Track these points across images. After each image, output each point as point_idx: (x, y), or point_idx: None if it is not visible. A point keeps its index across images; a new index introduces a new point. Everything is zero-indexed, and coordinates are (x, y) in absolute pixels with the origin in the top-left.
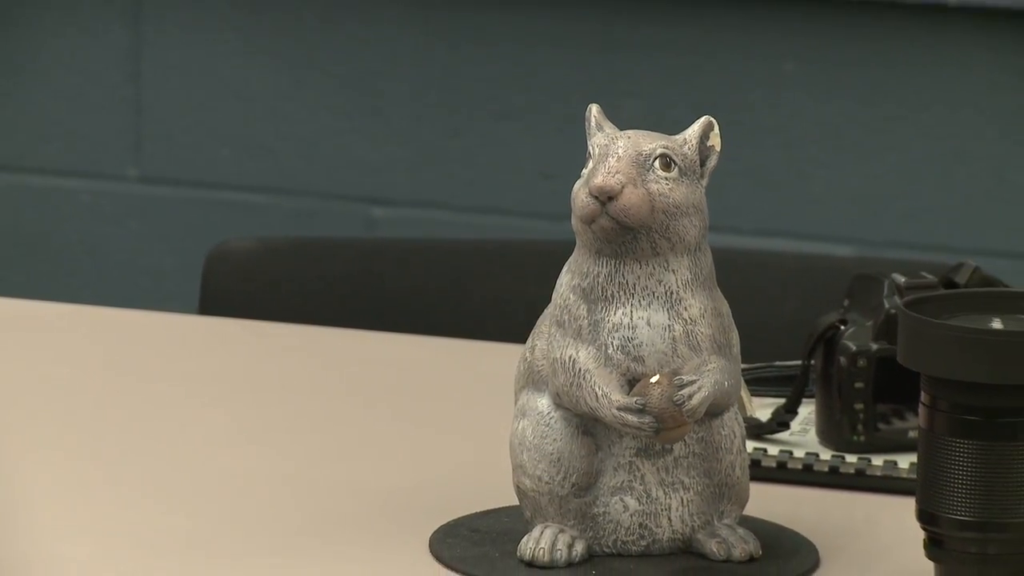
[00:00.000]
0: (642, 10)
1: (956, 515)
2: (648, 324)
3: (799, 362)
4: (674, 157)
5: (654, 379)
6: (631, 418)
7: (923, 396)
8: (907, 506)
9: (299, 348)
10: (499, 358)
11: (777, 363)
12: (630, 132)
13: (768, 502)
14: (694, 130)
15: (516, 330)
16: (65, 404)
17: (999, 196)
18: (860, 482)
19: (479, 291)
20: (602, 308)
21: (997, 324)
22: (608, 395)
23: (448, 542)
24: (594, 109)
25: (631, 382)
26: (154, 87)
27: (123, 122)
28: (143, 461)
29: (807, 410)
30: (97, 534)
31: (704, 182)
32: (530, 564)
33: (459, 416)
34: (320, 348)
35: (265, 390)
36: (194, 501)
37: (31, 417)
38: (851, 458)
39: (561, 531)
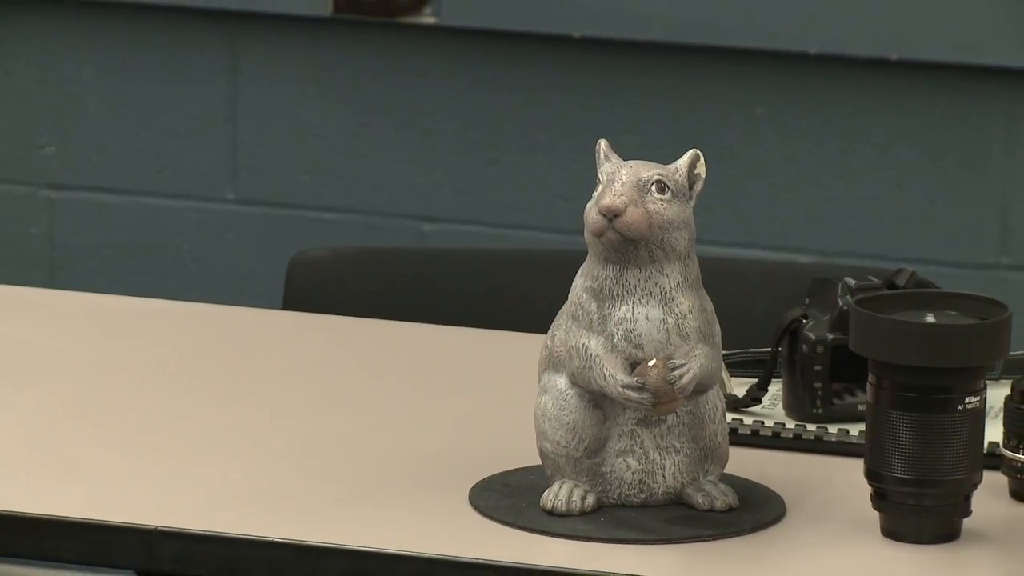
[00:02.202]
0: (639, 64)
1: (897, 473)
2: (646, 318)
3: (769, 349)
4: (668, 182)
5: (651, 363)
6: (633, 394)
7: (870, 377)
8: (857, 466)
9: (364, 338)
10: (525, 346)
11: (751, 350)
12: (632, 162)
13: (744, 463)
14: (684, 161)
15: (539, 323)
16: (177, 381)
17: (930, 215)
18: (819, 446)
19: (509, 291)
20: (609, 305)
21: (930, 318)
22: (614, 376)
23: (484, 495)
24: (602, 144)
25: (633, 365)
26: (247, 126)
27: (222, 155)
28: (237, 428)
29: (775, 388)
30: (195, 487)
31: (692, 203)
32: (551, 512)
33: (493, 392)
34: (380, 338)
35: (335, 372)
36: (280, 461)
37: (150, 391)
38: (811, 427)
39: (576, 486)
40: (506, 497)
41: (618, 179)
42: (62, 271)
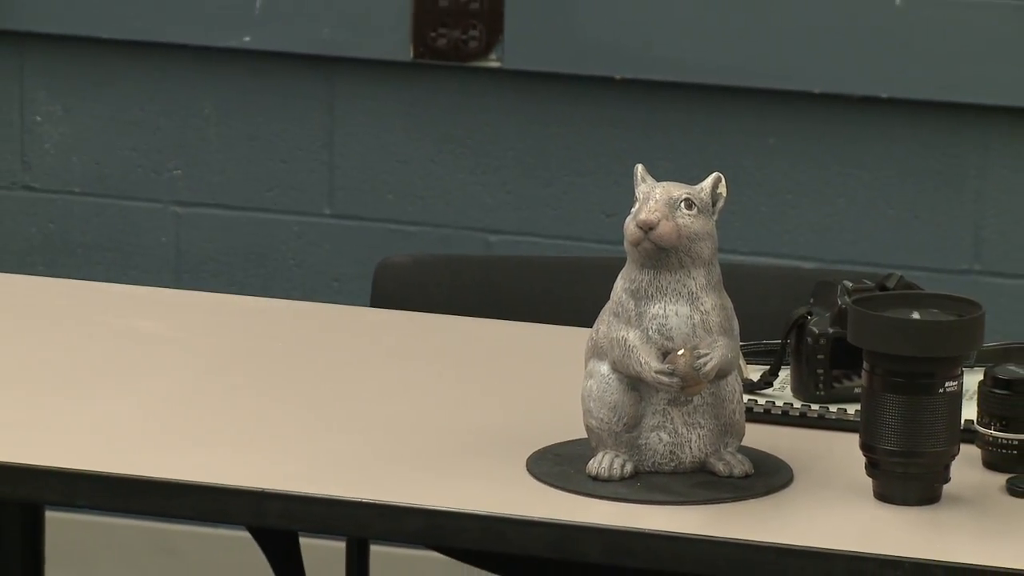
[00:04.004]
0: (670, 101)
1: (888, 446)
2: (676, 314)
3: (779, 341)
4: (695, 200)
5: (680, 352)
6: (664, 379)
7: (865, 364)
8: (853, 440)
9: (438, 331)
10: (573, 338)
11: (764, 342)
12: (664, 183)
13: (758, 436)
14: (708, 182)
15: (585, 319)
16: (281, 367)
17: (915, 228)
18: (821, 423)
19: (561, 292)
20: (645, 303)
21: (916, 315)
22: (648, 363)
23: (539, 463)
24: (639, 168)
25: (664, 354)
26: (342, 153)
27: (320, 177)
28: (331, 406)
29: (785, 374)
30: (296, 456)
31: (715, 217)
32: (595, 478)
33: (546, 377)
34: (452, 331)
35: (414, 360)
36: (367, 433)
37: (259, 375)
38: (815, 407)
39: (616, 456)
40: (557, 465)
41: (653, 197)
42: (187, 274)
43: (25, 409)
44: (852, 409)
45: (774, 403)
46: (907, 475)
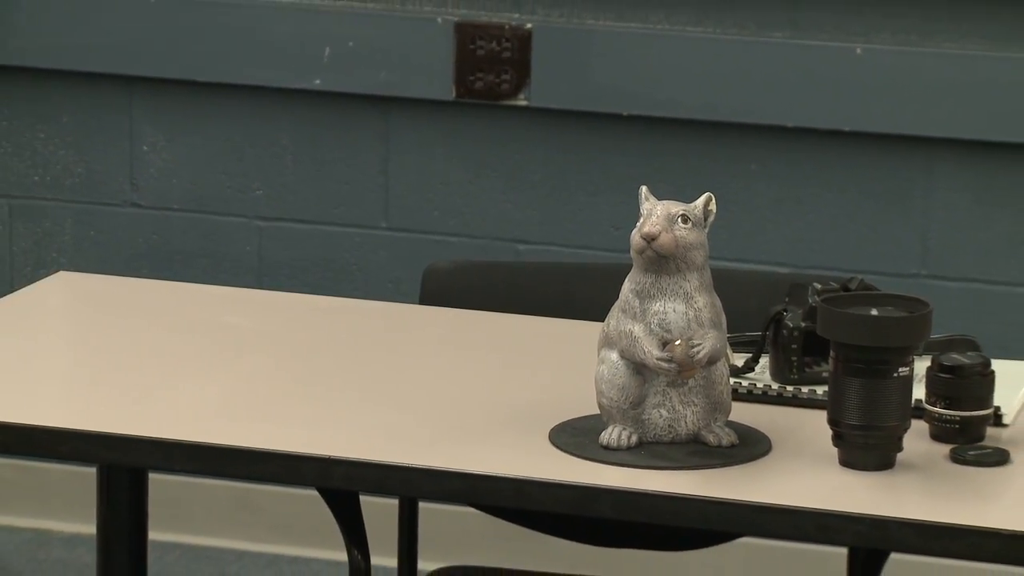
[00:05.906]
0: (669, 133)
1: (851, 421)
2: (674, 311)
3: (760, 333)
4: (689, 215)
5: (677, 343)
6: (664, 365)
7: (831, 353)
8: (822, 415)
9: (476, 324)
10: (588, 331)
11: (747, 333)
12: (664, 201)
13: (742, 413)
14: (701, 200)
15: (598, 314)
16: (344, 353)
17: (872, 239)
18: (795, 401)
19: (578, 292)
20: (647, 301)
21: (874, 312)
22: (651, 352)
23: (559, 435)
24: (643, 189)
25: (664, 344)
26: (396, 177)
27: (377, 196)
28: (385, 386)
29: (764, 360)
30: (357, 428)
31: (706, 230)
32: (606, 448)
33: (565, 363)
34: (487, 325)
35: (455, 347)
36: (415, 409)
37: (325, 360)
38: (790, 388)
39: (624, 429)
40: (574, 436)
41: (654, 213)
42: (267, 277)
43: (131, 389)
44: (821, 390)
45: (755, 385)
46: (867, 445)
